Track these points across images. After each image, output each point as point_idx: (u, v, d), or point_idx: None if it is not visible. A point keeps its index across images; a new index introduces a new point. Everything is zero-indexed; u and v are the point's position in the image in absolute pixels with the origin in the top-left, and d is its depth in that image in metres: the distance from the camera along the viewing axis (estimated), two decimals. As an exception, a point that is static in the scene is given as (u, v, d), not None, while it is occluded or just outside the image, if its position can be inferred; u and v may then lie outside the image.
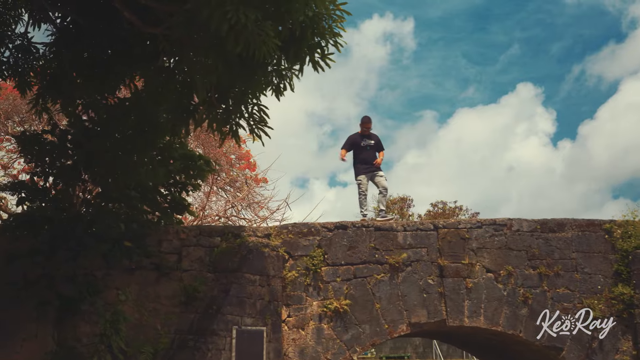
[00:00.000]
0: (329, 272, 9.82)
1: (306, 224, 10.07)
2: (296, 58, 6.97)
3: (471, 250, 10.13)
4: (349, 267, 9.88)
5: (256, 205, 19.78)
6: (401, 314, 9.79)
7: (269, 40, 5.83)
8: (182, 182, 9.64)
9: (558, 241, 10.30)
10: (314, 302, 9.69)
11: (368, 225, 10.11)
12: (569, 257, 10.24)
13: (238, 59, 6.69)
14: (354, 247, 9.95)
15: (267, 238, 9.73)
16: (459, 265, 10.02)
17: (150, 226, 9.25)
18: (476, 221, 10.34)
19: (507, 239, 10.25)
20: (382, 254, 9.98)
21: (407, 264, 9.98)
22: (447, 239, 10.14)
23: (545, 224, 10.42)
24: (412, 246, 10.07)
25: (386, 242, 10.05)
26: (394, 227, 10.16)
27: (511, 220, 10.40)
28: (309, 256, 9.81)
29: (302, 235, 9.92)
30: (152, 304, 8.99)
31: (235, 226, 10.76)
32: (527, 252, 10.22)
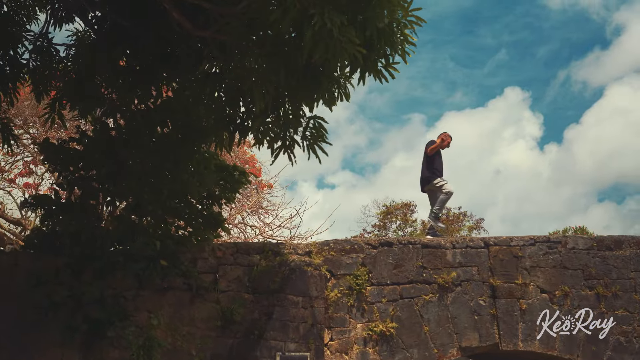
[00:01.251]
0: (374, 292, 9.33)
1: (349, 241, 9.57)
2: (364, 68, 6.48)
3: (524, 269, 9.67)
4: (394, 287, 9.39)
5: (263, 212, 19.33)
6: (451, 337, 9.31)
7: (351, 48, 5.33)
8: (216, 195, 9.12)
9: (615, 259, 9.85)
10: (358, 325, 9.20)
11: (415, 242, 9.63)
12: (627, 277, 9.80)
13: (302, 67, 6.21)
14: (400, 266, 9.46)
15: (308, 256, 9.22)
16: (511, 285, 9.56)
17: (184, 243, 8.73)
18: (529, 238, 9.87)
19: (562, 257, 9.79)
20: (430, 272, 9.50)
21: (456, 283, 9.50)
22: (498, 257, 9.67)
23: (601, 241, 9.97)
24: (461, 264, 9.60)
25: (434, 260, 9.57)
26: (442, 245, 9.68)
27: (566, 238, 9.96)
28: (352, 275, 9.32)
29: (344, 252, 9.43)
30: (187, 328, 8.46)
31: (275, 243, 10.27)
32: (583, 272, 9.77)
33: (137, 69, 7.73)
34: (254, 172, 19.80)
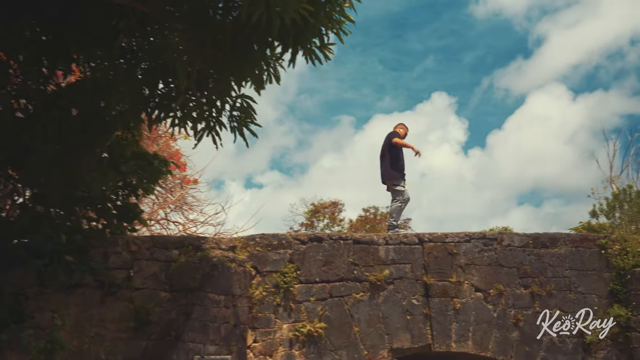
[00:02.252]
0: (302, 290, 8.90)
1: (276, 235, 9.10)
2: (296, 45, 6.04)
3: (459, 266, 9.43)
4: (324, 285, 8.99)
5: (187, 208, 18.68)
6: (382, 338, 8.97)
7: (294, 3, 4.87)
8: (133, 185, 8.47)
9: (551, 257, 9.73)
10: (284, 325, 8.76)
11: (346, 238, 9.26)
12: (562, 275, 9.70)
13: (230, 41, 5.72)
14: (330, 262, 9.06)
15: (232, 251, 8.71)
16: (446, 284, 9.30)
17: (95, 236, 8.07)
18: (464, 235, 9.63)
19: (498, 255, 9.61)
20: (362, 270, 9.14)
21: (389, 281, 9.18)
22: (433, 254, 9.39)
23: (537, 238, 9.84)
24: (394, 262, 9.28)
25: (366, 257, 9.22)
26: (375, 241, 9.33)
27: (502, 234, 9.78)
28: (279, 272, 8.87)
29: (271, 248, 8.96)
30: (95, 329, 7.82)
31: (195, 237, 9.69)
32: (518, 270, 9.61)
33: (44, 40, 7.04)
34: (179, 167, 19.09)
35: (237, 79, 6.47)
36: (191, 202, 18.75)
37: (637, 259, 9.65)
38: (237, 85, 6.49)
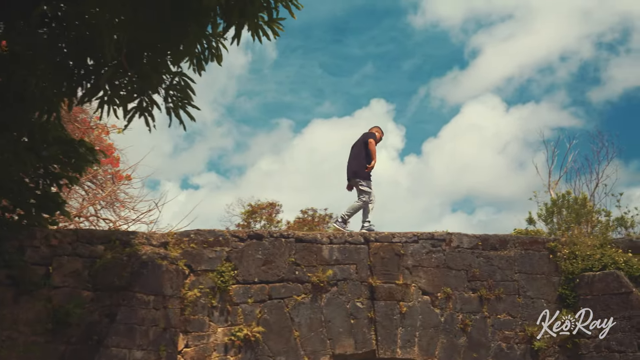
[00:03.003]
0: (239, 291, 8.34)
1: (212, 232, 8.52)
2: (241, 19, 5.53)
3: (406, 268, 9.04)
4: (263, 286, 8.45)
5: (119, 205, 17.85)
6: (324, 343, 8.49)
7: None
8: (55, 174, 7.74)
9: (500, 260, 9.46)
10: (219, 329, 8.18)
11: (288, 236, 8.74)
12: (511, 279, 9.43)
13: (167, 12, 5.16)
14: (271, 262, 8.54)
15: (164, 247, 8.09)
16: (392, 286, 8.89)
17: (10, 228, 7.33)
18: (412, 235, 9.26)
19: (446, 257, 9.27)
20: (304, 270, 8.65)
21: (332, 283, 8.71)
22: (379, 254, 8.98)
23: (486, 240, 9.55)
24: (339, 262, 8.82)
25: (309, 257, 8.73)
26: (319, 239, 8.85)
27: (451, 235, 9.44)
28: (216, 271, 8.29)
29: (207, 245, 8.37)
30: (7, 332, 7.09)
31: (124, 231, 8.99)
32: (467, 272, 9.29)
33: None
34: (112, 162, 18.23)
35: (174, 56, 5.91)
36: (123, 198, 17.95)
37: (586, 263, 9.47)
38: (174, 63, 5.93)
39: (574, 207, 23.13)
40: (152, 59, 5.82)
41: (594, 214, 22.64)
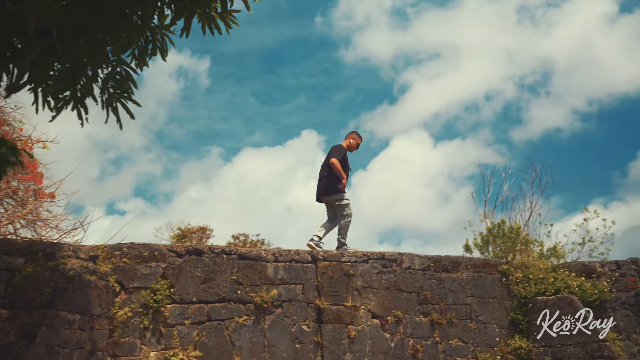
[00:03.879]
0: (175, 311, 7.65)
1: (147, 245, 7.81)
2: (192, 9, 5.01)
3: (355, 289, 8.55)
4: (202, 306, 7.78)
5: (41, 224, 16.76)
6: (266, 369, 7.87)
7: None
8: (-30, 175, 6.94)
9: (452, 283, 9.08)
10: (151, 353, 7.44)
11: (230, 252, 8.12)
12: (463, 303, 9.06)
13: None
14: (211, 280, 7.89)
15: (93, 261, 7.33)
16: (340, 308, 8.37)
17: None
18: (362, 254, 8.79)
19: (397, 278, 8.83)
20: (247, 290, 8.03)
21: (277, 304, 8.12)
22: (327, 274, 8.46)
23: (438, 261, 9.17)
24: (284, 281, 8.25)
25: (252, 275, 8.12)
26: (263, 256, 8.27)
27: (402, 255, 9.02)
28: (150, 289, 7.57)
29: (141, 260, 7.66)
30: None
31: (48, 243, 8.14)
32: (418, 295, 8.87)
33: None
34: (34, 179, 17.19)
35: (114, 47, 5.30)
36: (46, 217, 16.88)
37: (539, 287, 9.21)
38: (115, 54, 5.33)
39: (509, 236, 23.30)
40: (89, 45, 5.19)
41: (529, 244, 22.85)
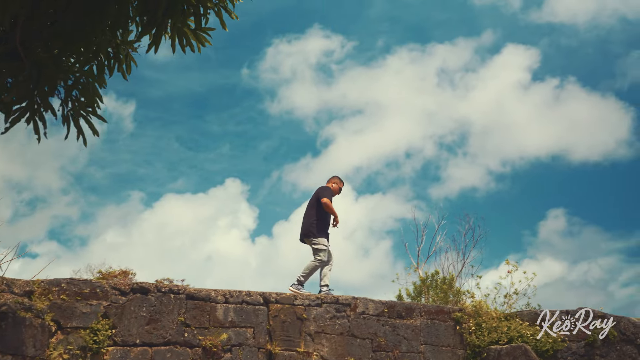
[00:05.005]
0: (117, 354, 7.06)
1: (89, 282, 7.24)
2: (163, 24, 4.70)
3: (308, 334, 8.14)
4: (145, 350, 7.22)
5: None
6: (212, 420, 7.33)
7: None
8: None
9: (406, 329, 8.80)
10: (87, 400, 6.81)
11: (178, 291, 7.61)
12: (417, 351, 8.77)
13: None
14: (156, 321, 7.35)
15: (28, 297, 6.70)
16: (293, 354, 7.94)
17: None
18: (316, 297, 8.42)
19: (351, 323, 8.48)
20: (195, 332, 7.52)
21: (226, 348, 7.63)
22: (280, 317, 8.03)
23: (392, 307, 8.89)
24: (234, 324, 7.77)
25: (201, 317, 7.62)
26: (213, 297, 7.79)
27: (356, 300, 8.69)
28: (89, 329, 6.98)
29: (81, 297, 7.07)
30: None
31: (-21, 274, 7.44)
32: (372, 342, 8.53)
33: None
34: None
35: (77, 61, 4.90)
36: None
37: (492, 336, 9.03)
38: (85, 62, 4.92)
39: (442, 287, 23.35)
40: (51, 53, 4.78)
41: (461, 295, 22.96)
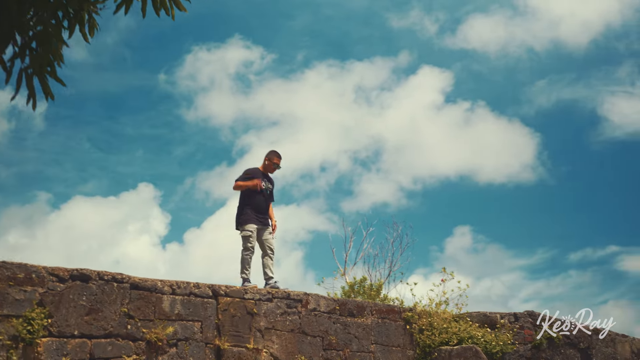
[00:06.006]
0: (52, 346, 6.42)
1: (23, 266, 6.56)
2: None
3: (258, 330, 7.71)
4: (84, 342, 6.60)
5: None
6: (154, 419, 6.79)
7: None
8: None
9: (357, 328, 8.49)
10: (17, 396, 6.15)
11: (122, 280, 7.03)
12: (368, 350, 8.48)
13: None
14: (97, 311, 6.75)
15: (-45, 280, 6.01)
16: (242, 351, 7.49)
17: None
18: (266, 292, 8.00)
19: (302, 320, 8.10)
20: (138, 325, 6.96)
21: (172, 342, 7.10)
22: (229, 311, 7.57)
23: (344, 305, 8.57)
24: (181, 317, 7.26)
25: (146, 308, 7.07)
26: (159, 287, 7.25)
27: (308, 296, 8.32)
28: (23, 317, 6.31)
29: (14, 282, 6.40)
30: None
31: None
32: (323, 340, 8.18)
33: None
34: None
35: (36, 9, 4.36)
36: None
37: (444, 337, 8.85)
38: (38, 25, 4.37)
39: (370, 293, 23.31)
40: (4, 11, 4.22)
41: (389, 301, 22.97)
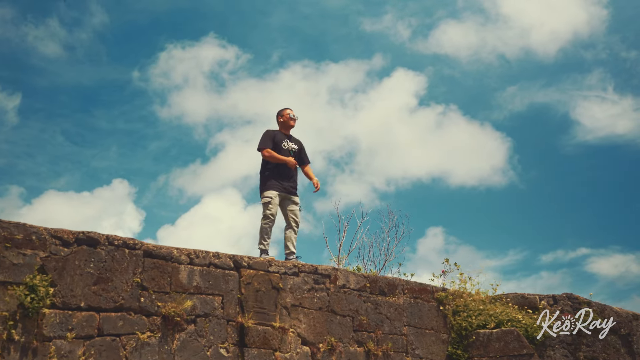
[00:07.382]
0: (55, 320, 5.52)
1: (22, 226, 5.65)
2: None
3: (284, 307, 6.87)
4: (92, 315, 5.71)
5: None
6: (171, 405, 5.92)
7: None
8: None
9: (389, 308, 7.69)
10: (15, 377, 5.25)
11: (134, 246, 6.15)
12: (400, 333, 7.68)
13: None
14: (107, 280, 5.86)
15: (-57, 238, 5.10)
16: (267, 330, 6.63)
17: None
18: (292, 265, 7.16)
19: (330, 297, 7.28)
20: (153, 298, 6.08)
21: (190, 319, 6.23)
22: (253, 285, 6.71)
23: (375, 282, 7.76)
24: (200, 290, 6.39)
25: (161, 279, 6.19)
26: (175, 256, 6.37)
27: (336, 271, 7.50)
28: (23, 285, 5.41)
29: (11, 244, 5.49)
30: None
31: None
32: (353, 320, 7.36)
33: None
34: None
35: None
36: None
37: (480, 319, 8.08)
38: None
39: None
40: None
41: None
